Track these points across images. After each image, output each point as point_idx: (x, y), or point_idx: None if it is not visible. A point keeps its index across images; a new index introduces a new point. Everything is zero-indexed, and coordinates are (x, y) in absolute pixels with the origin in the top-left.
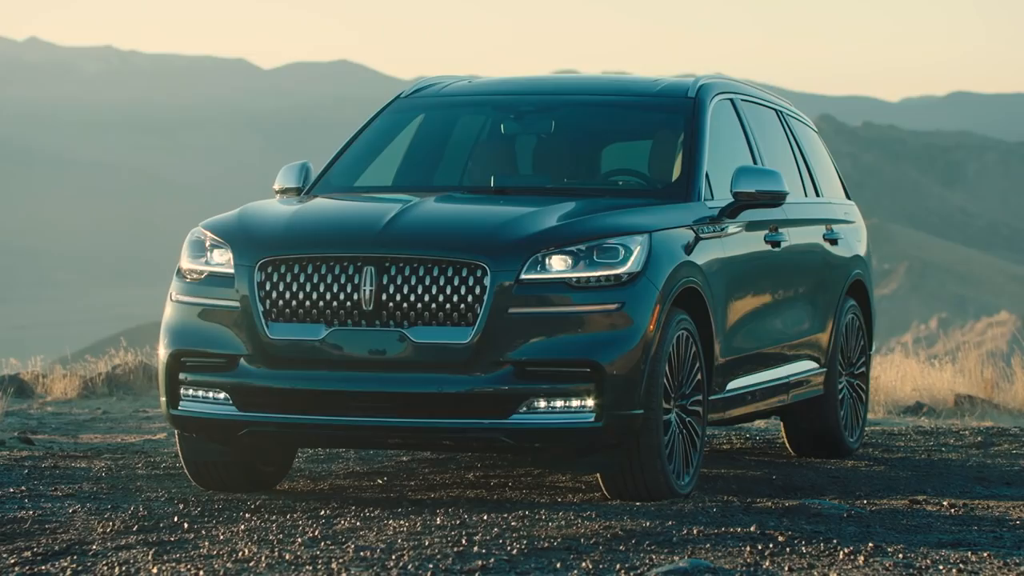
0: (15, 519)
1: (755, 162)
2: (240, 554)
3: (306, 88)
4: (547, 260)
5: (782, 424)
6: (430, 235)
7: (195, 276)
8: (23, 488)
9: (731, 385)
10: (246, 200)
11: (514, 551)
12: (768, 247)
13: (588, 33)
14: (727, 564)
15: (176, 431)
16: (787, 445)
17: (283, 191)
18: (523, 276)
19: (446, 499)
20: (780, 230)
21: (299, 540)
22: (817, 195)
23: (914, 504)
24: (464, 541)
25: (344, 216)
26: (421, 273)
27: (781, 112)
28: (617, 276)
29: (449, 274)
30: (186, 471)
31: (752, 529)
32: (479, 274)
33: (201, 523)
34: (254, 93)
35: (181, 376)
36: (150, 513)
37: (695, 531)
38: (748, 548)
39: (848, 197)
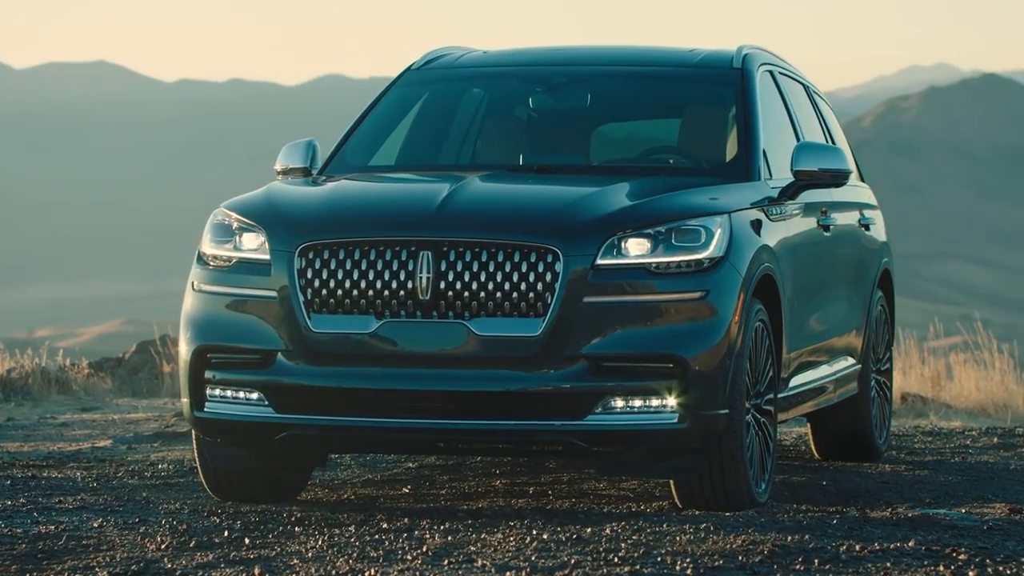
0: (41, 535)
1: (798, 139)
2: (367, 574)
3: (62, 89)
4: (623, 244)
5: (809, 426)
6: (493, 216)
7: (221, 263)
8: (22, 500)
9: (793, 382)
10: (8, 204)
11: (688, 570)
12: (821, 232)
13: (353, 36)
14: None
15: (196, 436)
16: (813, 448)
17: (287, 171)
18: (599, 261)
19: (499, 509)
20: (829, 214)
21: (408, 557)
22: None
23: (1016, 513)
24: (615, 559)
25: (391, 196)
26: (484, 258)
27: (808, 87)
28: (698, 261)
29: (516, 259)
30: (203, 479)
31: (911, 544)
32: (550, 259)
33: (260, 538)
34: (6, 93)
35: (207, 374)
36: (189, 527)
37: (856, 547)
38: (941, 567)
39: (863, 180)
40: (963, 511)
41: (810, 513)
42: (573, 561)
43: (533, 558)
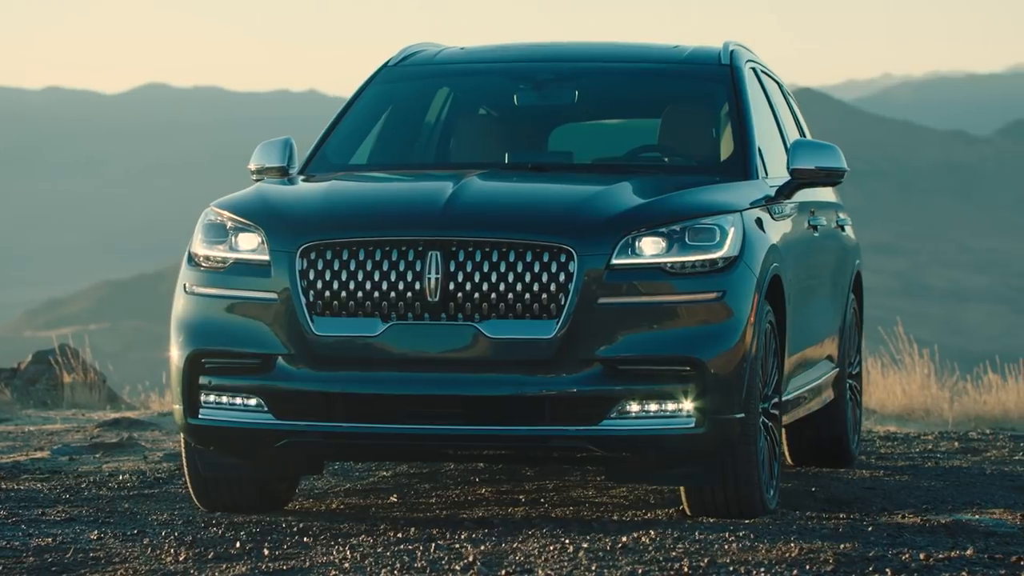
0: (43, 548)
1: (783, 137)
2: None
3: None
4: (637, 243)
5: (783, 431)
6: (504, 215)
7: (215, 264)
8: (3, 512)
9: (790, 386)
10: None
11: None
12: (812, 232)
13: (176, 45)
14: None
15: (187, 443)
16: (787, 453)
17: (262, 171)
18: (614, 261)
19: (504, 518)
20: (816, 214)
21: (456, 568)
22: None
23: None
24: (684, 568)
25: (395, 194)
26: (495, 259)
27: (781, 85)
28: (712, 261)
29: (528, 259)
30: (191, 489)
31: (969, 553)
32: (563, 259)
33: (276, 549)
34: None
35: (202, 380)
36: (195, 538)
37: (921, 556)
38: None
39: None
40: (976, 516)
41: (833, 520)
42: (640, 572)
43: (594, 568)
